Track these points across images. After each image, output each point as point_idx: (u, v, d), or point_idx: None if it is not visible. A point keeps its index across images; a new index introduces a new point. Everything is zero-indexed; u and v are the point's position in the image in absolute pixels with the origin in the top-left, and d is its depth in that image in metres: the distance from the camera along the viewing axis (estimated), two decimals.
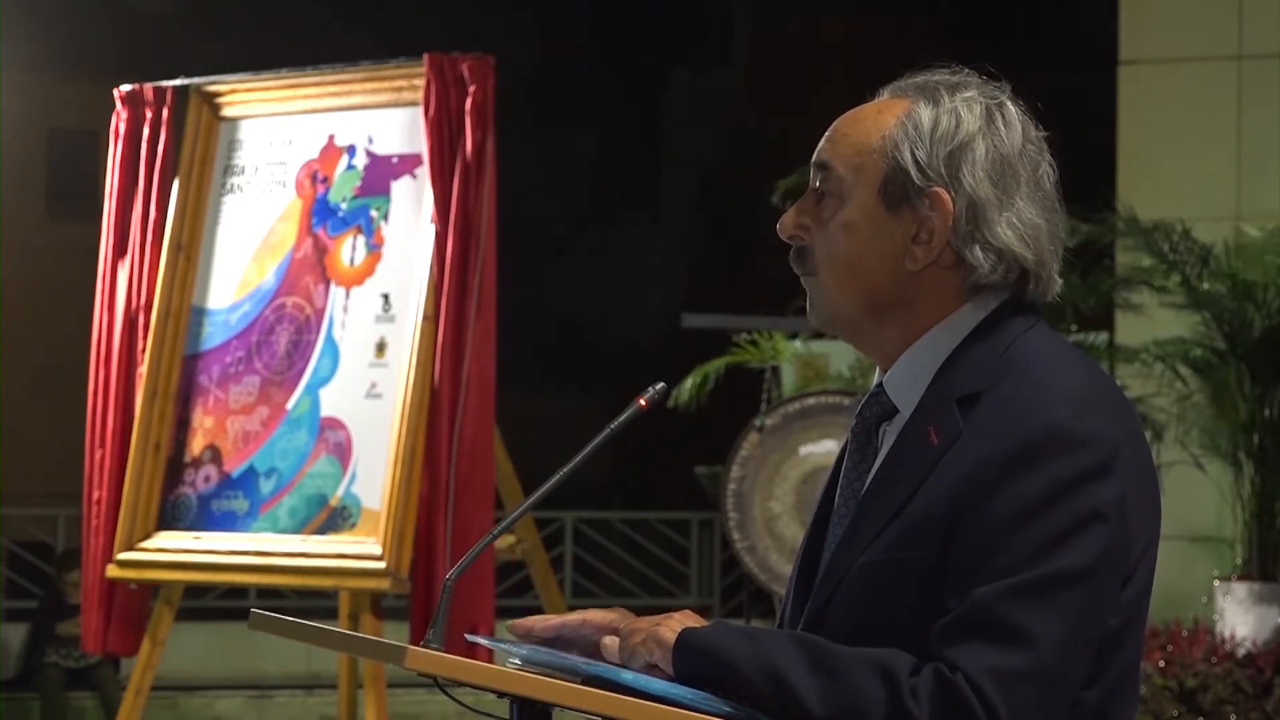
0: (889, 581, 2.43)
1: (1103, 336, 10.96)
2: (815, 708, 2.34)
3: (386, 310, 6.87)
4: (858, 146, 2.54)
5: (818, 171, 2.57)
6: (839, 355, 11.52)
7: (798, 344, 11.49)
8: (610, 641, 2.48)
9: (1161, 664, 9.25)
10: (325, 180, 7.12)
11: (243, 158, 7.31)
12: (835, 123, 2.59)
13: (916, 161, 2.50)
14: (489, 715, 2.50)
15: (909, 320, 2.53)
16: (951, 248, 2.50)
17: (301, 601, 12.99)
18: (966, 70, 2.60)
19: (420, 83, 6.80)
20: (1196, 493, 10.31)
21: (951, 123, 2.51)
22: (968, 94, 2.54)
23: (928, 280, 2.52)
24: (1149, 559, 2.48)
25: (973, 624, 2.34)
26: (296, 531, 6.84)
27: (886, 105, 2.57)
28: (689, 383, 10.91)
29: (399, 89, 6.96)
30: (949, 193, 2.49)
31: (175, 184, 7.30)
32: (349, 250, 7.00)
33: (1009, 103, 2.56)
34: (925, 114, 2.52)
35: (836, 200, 2.54)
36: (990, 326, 2.52)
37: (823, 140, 2.59)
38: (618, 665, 2.44)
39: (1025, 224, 2.50)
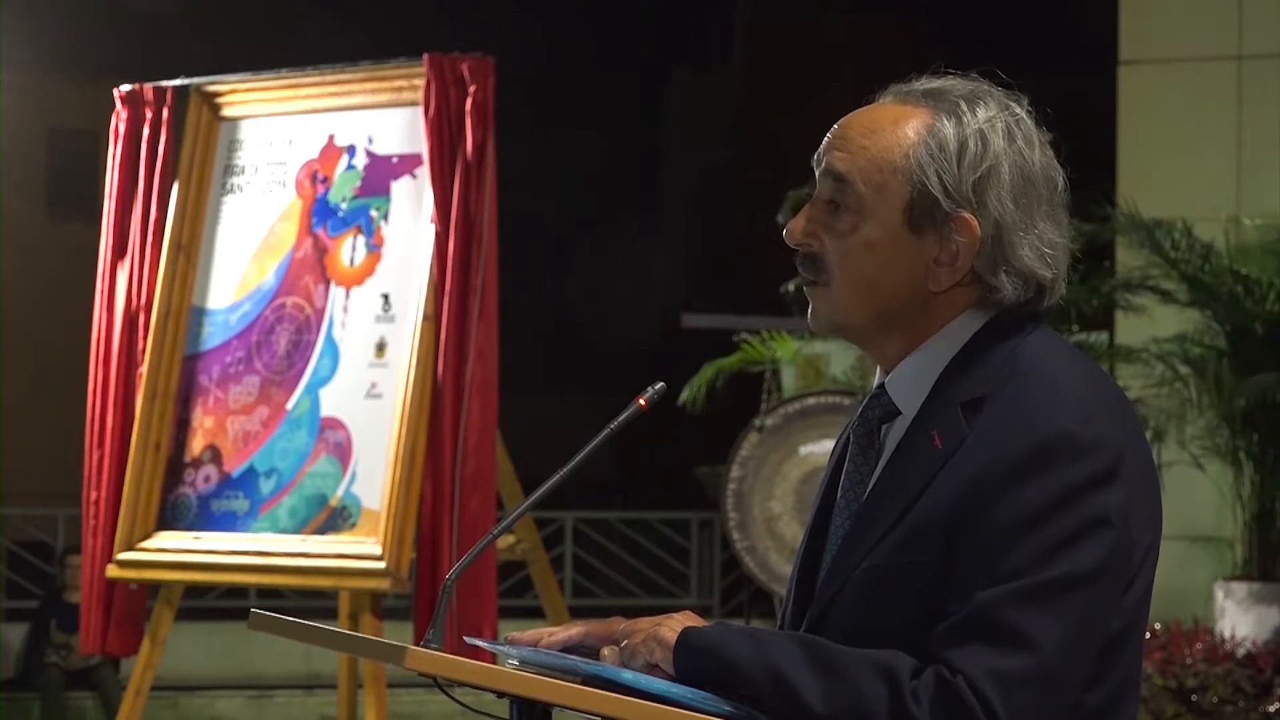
0: (892, 585, 2.43)
1: (1103, 337, 10.97)
2: (817, 707, 2.34)
3: (386, 310, 6.86)
4: (878, 163, 2.49)
5: (832, 181, 2.52)
6: (839, 356, 11.52)
7: (800, 345, 11.48)
8: (610, 652, 2.47)
9: (1162, 664, 9.25)
10: (325, 180, 7.12)
11: (243, 158, 7.31)
12: (845, 129, 2.53)
13: (944, 186, 2.47)
14: (489, 715, 2.50)
15: (916, 329, 2.52)
16: (974, 269, 2.49)
17: (301, 601, 12.99)
18: (979, 78, 2.56)
19: (420, 83, 6.80)
20: (1196, 493, 10.31)
21: (978, 146, 2.48)
22: (990, 112, 2.50)
23: (947, 298, 2.51)
24: (1151, 562, 2.47)
25: (975, 627, 2.34)
26: (296, 531, 6.84)
27: (902, 114, 2.51)
28: (699, 378, 10.90)
29: (399, 89, 6.96)
30: (976, 218, 2.47)
31: (175, 184, 7.29)
32: (349, 250, 7.00)
33: (1025, 117, 2.53)
34: (949, 133, 2.48)
35: (855, 216, 2.50)
36: (993, 331, 2.51)
37: (833, 147, 2.53)
38: (618, 665, 2.44)
39: (1046, 244, 2.49)
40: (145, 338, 7.24)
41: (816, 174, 2.56)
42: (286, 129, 7.24)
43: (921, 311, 2.51)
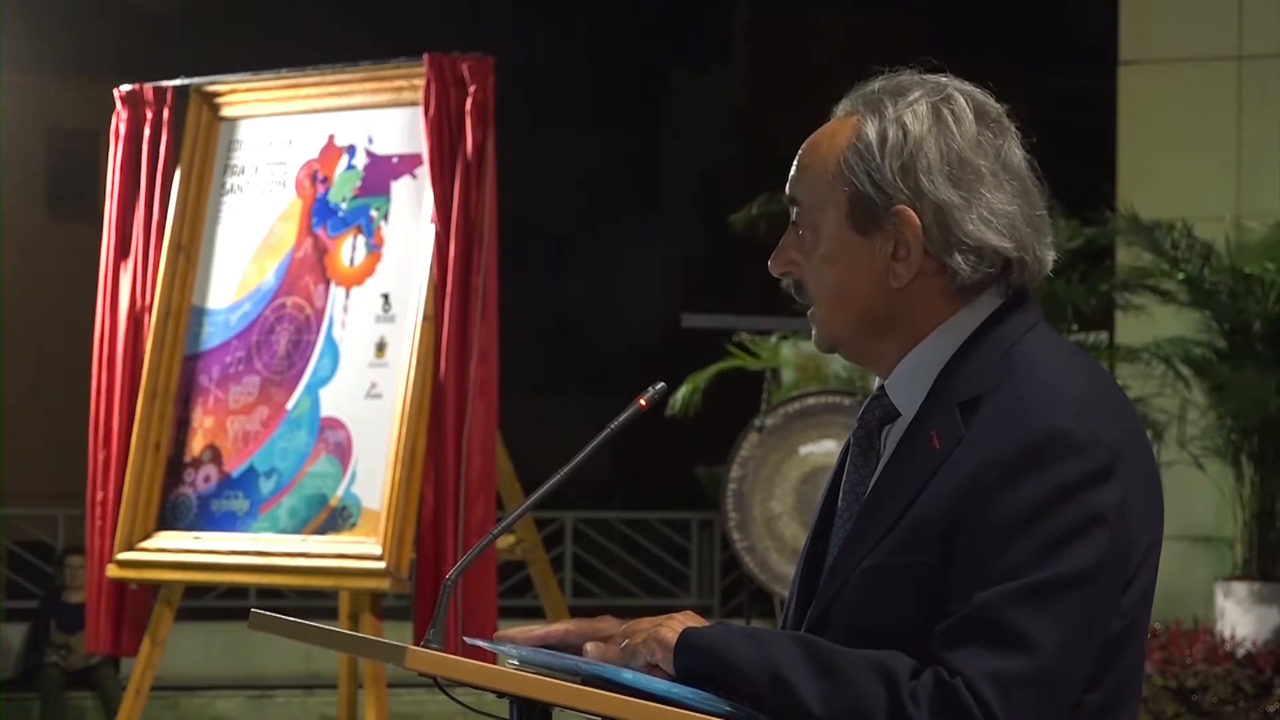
0: (892, 585, 2.43)
1: (1103, 337, 10.97)
2: (815, 708, 2.34)
3: (386, 310, 6.87)
4: (818, 177, 2.53)
5: (791, 205, 2.57)
6: (837, 356, 11.51)
7: (790, 347, 11.48)
8: (592, 648, 2.47)
9: (1162, 664, 9.25)
10: (325, 180, 7.12)
11: (243, 158, 7.31)
12: (799, 153, 2.58)
13: (874, 182, 2.48)
14: (489, 715, 2.50)
15: (906, 330, 2.53)
16: (931, 255, 2.49)
17: (301, 601, 12.99)
18: (907, 69, 2.57)
19: (420, 83, 6.80)
20: (1196, 493, 10.31)
21: (898, 134, 2.48)
22: (912, 97, 2.51)
23: (916, 290, 2.51)
24: (1151, 562, 2.47)
25: (973, 628, 2.34)
26: (296, 531, 6.84)
27: (839, 126, 2.54)
28: (682, 391, 10.98)
29: (399, 89, 6.96)
30: (912, 206, 2.48)
31: (175, 184, 7.29)
32: (349, 250, 7.00)
33: (956, 93, 2.52)
34: (872, 130, 2.50)
35: (812, 234, 2.54)
36: (990, 328, 2.51)
37: (791, 173, 2.57)
38: (618, 665, 2.44)
39: (997, 215, 2.48)
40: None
41: None
42: (286, 129, 7.25)
43: (900, 310, 2.52)
